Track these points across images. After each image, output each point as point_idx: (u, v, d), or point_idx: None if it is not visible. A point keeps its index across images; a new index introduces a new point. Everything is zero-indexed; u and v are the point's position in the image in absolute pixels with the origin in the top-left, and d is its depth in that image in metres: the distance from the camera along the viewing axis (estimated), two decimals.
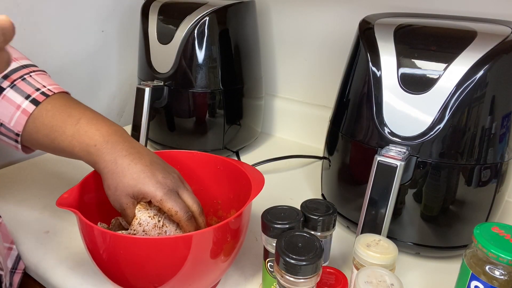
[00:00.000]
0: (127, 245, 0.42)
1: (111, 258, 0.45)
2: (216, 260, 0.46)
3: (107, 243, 0.44)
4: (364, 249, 0.45)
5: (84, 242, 0.46)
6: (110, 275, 0.47)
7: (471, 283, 0.40)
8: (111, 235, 0.43)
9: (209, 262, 0.45)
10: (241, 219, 0.48)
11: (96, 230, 0.43)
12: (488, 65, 0.49)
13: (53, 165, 0.84)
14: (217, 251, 0.45)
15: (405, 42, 0.55)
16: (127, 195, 0.48)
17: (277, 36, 0.95)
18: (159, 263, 0.43)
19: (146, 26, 0.82)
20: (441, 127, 0.51)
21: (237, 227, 0.47)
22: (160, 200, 0.48)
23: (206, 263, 0.45)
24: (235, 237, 0.47)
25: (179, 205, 0.48)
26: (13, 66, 0.54)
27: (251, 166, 0.58)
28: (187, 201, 0.50)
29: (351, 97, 0.60)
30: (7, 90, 0.52)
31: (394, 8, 0.72)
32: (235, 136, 0.87)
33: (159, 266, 0.43)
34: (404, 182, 0.53)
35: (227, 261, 0.48)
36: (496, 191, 0.55)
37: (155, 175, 0.48)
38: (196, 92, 0.79)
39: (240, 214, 0.46)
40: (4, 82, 0.52)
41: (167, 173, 0.50)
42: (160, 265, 0.43)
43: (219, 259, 0.46)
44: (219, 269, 0.49)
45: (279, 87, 1.00)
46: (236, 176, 0.56)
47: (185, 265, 0.43)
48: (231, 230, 0.46)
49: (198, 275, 0.45)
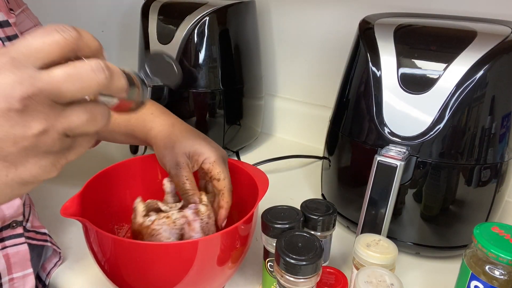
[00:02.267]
0: (132, 250, 0.42)
1: (116, 263, 0.44)
2: (223, 267, 0.45)
3: (114, 249, 0.43)
4: (364, 249, 0.45)
5: (89, 246, 0.46)
6: (114, 279, 0.46)
7: (471, 283, 0.40)
8: (118, 241, 0.43)
9: (216, 269, 0.45)
10: (251, 223, 0.47)
11: (104, 236, 0.43)
12: (488, 65, 0.49)
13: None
14: (225, 258, 0.44)
15: (405, 42, 0.55)
16: (184, 153, 0.51)
17: (277, 36, 0.95)
18: (163, 269, 0.42)
19: (146, 26, 0.82)
20: (441, 127, 0.51)
21: (247, 232, 0.47)
22: (213, 162, 0.51)
23: (212, 269, 0.44)
24: (243, 242, 0.47)
25: (227, 172, 0.52)
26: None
27: (253, 166, 0.58)
28: (225, 180, 0.52)
29: (351, 97, 0.60)
30: None
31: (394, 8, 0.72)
32: (235, 136, 0.87)
33: (164, 271, 0.42)
34: (404, 182, 0.53)
35: (234, 267, 0.48)
36: (496, 191, 0.55)
37: (210, 142, 0.53)
38: (196, 92, 0.79)
39: (251, 217, 0.45)
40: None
41: (219, 147, 0.54)
42: (165, 271, 0.42)
43: (226, 265, 0.45)
44: (225, 276, 0.48)
45: (279, 87, 1.00)
46: (237, 177, 0.56)
47: (190, 271, 0.43)
48: (239, 235, 0.45)
49: (204, 282, 0.45)
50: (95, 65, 0.25)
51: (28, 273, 0.51)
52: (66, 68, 0.25)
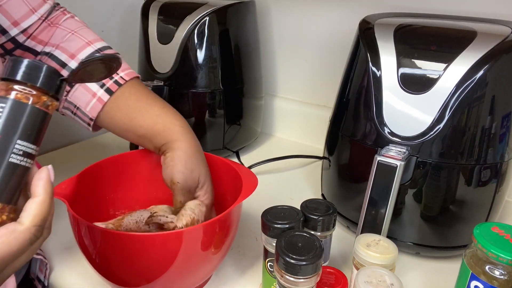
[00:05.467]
0: (116, 241, 0.43)
1: (102, 254, 0.45)
2: (207, 253, 0.46)
3: (98, 239, 0.44)
4: (364, 249, 0.45)
5: (76, 237, 0.47)
6: (102, 271, 0.47)
7: (471, 283, 0.40)
8: (101, 231, 0.43)
9: (201, 255, 0.46)
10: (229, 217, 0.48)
11: (86, 225, 0.44)
12: (488, 65, 0.49)
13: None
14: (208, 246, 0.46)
15: (405, 42, 0.55)
16: (200, 175, 0.55)
17: (277, 36, 0.95)
18: (150, 259, 0.43)
19: (146, 26, 0.82)
20: (441, 127, 0.51)
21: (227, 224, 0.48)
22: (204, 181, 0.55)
23: (197, 257, 0.46)
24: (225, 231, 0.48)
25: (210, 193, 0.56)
26: (88, 51, 0.57)
27: (247, 168, 0.58)
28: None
29: (351, 97, 0.60)
30: None
31: (394, 8, 0.72)
32: (235, 136, 0.87)
33: (150, 262, 0.43)
34: (404, 182, 0.53)
35: (218, 254, 0.48)
36: (496, 191, 0.55)
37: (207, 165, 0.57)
38: (196, 92, 0.79)
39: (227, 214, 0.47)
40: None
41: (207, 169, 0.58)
42: (151, 261, 0.43)
43: (209, 251, 0.47)
44: (211, 263, 0.49)
45: (279, 87, 1.00)
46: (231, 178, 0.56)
47: (176, 261, 0.44)
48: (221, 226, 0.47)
49: (190, 270, 0.46)
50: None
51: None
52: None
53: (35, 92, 0.32)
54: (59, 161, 0.87)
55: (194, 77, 0.79)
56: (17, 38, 0.56)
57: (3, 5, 0.53)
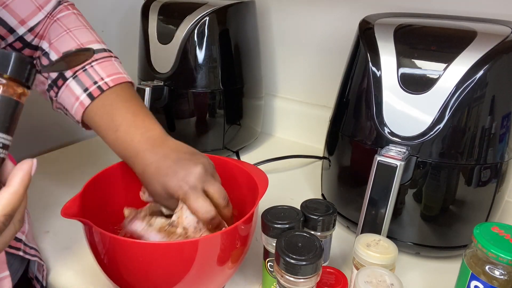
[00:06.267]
0: (132, 250, 0.42)
1: (117, 263, 0.44)
2: (223, 267, 0.45)
3: (116, 249, 0.43)
4: (364, 249, 0.45)
5: (91, 247, 0.46)
6: (115, 279, 0.46)
7: (471, 283, 0.40)
8: (120, 241, 0.43)
9: (216, 269, 0.45)
10: (251, 223, 0.47)
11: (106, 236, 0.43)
12: (488, 65, 0.49)
13: (49, 165, 0.84)
14: (225, 258, 0.44)
15: (405, 42, 0.55)
16: (168, 196, 0.49)
17: (277, 36, 0.95)
18: (164, 268, 0.42)
19: (146, 26, 0.82)
20: (441, 127, 0.51)
21: (247, 232, 0.47)
22: (182, 199, 0.48)
23: (212, 269, 0.44)
24: (243, 242, 0.47)
25: (199, 204, 0.47)
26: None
27: (253, 165, 0.57)
28: (212, 195, 0.49)
29: (351, 97, 0.60)
30: (69, 80, 0.55)
31: (394, 8, 0.72)
32: (235, 136, 0.87)
33: (165, 271, 0.42)
34: (404, 182, 0.53)
35: (234, 267, 0.48)
36: (496, 191, 0.55)
37: (177, 173, 0.48)
38: (196, 92, 0.79)
39: (251, 217, 0.45)
40: (68, 72, 0.55)
41: (189, 170, 0.49)
42: (166, 270, 0.42)
43: (226, 265, 0.45)
44: (226, 275, 0.48)
45: (279, 87, 1.00)
46: (237, 177, 0.56)
47: (190, 271, 0.43)
48: (240, 235, 0.45)
49: (204, 282, 0.45)
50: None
51: (4, 276, 0.49)
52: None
53: (5, 81, 0.31)
54: (59, 161, 0.87)
55: (194, 77, 0.79)
56: (25, 37, 0.55)
57: (10, 4, 0.53)
